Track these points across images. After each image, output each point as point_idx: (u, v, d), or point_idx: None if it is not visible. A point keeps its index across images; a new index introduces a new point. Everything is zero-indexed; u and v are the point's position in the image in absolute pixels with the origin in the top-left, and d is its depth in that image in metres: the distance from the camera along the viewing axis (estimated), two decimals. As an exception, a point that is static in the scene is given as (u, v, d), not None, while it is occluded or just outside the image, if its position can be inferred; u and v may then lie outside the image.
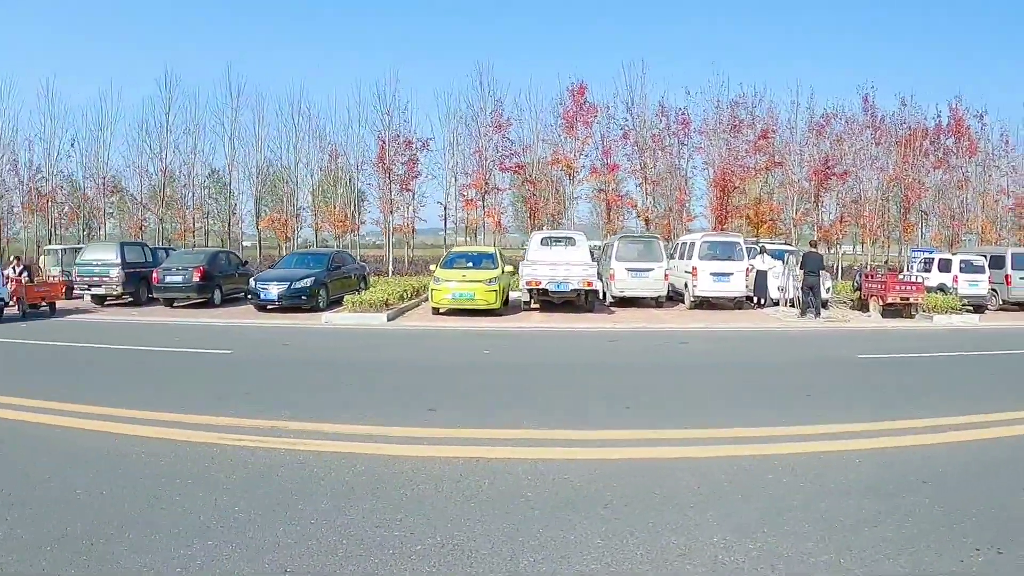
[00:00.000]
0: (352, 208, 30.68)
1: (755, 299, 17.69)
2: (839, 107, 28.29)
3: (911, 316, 16.27)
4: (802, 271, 15.80)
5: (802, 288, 15.84)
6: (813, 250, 16.63)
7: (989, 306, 19.06)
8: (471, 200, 29.86)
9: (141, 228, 31.00)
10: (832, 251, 29.65)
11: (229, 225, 32.66)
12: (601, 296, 17.00)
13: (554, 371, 9.19)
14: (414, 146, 29.36)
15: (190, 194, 31.89)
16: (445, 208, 30.79)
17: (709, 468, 4.80)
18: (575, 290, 15.65)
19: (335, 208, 30.11)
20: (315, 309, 15.66)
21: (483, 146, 28.90)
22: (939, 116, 29.28)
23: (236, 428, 5.71)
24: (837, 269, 26.43)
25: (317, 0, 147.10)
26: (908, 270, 20.71)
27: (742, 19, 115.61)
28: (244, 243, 34.05)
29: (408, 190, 29.40)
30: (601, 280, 16.60)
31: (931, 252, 21.46)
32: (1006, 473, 4.81)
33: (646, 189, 28.12)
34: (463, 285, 15.13)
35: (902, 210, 28.33)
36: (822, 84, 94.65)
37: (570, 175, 28.31)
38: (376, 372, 8.97)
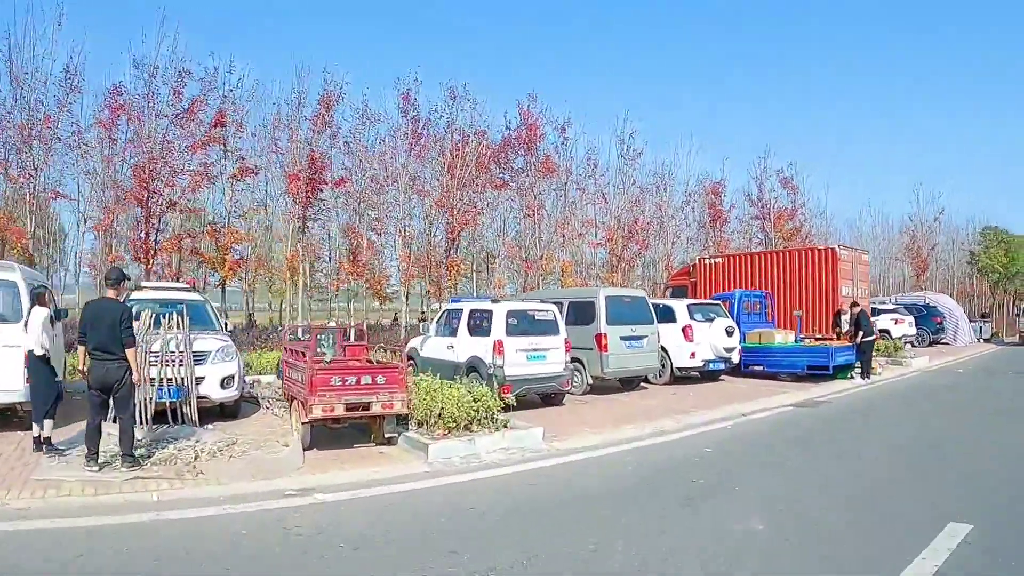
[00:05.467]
0: None
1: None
2: (355, 100, 20.24)
3: (387, 442, 6.67)
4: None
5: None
6: (104, 297, 5.92)
7: (571, 391, 10.67)
8: None
9: None
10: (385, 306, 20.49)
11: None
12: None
13: None
14: None
15: None
16: None
17: None
18: None
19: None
20: None
21: None
22: (508, 123, 22.35)
23: None
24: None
25: None
26: (424, 332, 11.65)
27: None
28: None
29: None
30: None
31: (463, 300, 13.18)
32: None
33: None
34: None
35: (447, 244, 20.37)
36: (361, 74, 71.83)
37: None
38: None
